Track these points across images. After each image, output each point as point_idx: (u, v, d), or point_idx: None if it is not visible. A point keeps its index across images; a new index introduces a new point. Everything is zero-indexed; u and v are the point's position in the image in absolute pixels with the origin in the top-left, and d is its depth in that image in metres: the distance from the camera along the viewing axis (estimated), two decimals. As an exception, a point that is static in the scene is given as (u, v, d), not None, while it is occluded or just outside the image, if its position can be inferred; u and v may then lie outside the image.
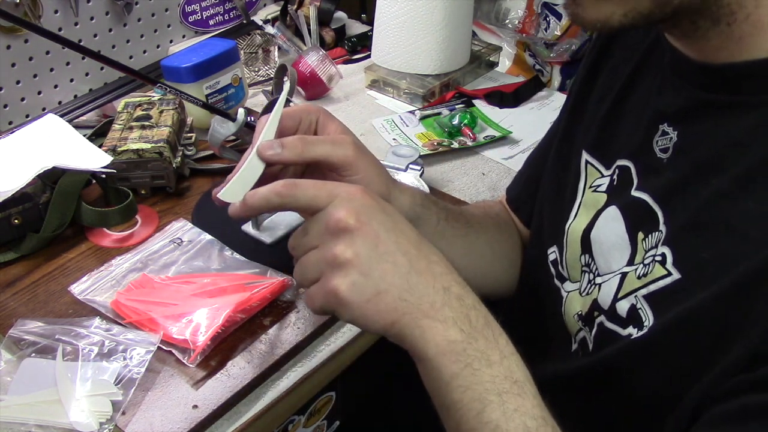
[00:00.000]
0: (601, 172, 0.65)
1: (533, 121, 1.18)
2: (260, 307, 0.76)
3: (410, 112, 1.19)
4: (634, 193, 0.59)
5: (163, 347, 0.71)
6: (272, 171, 0.60)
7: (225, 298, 0.75)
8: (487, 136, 1.12)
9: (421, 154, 1.02)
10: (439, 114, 1.17)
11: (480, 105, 1.22)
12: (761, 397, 0.45)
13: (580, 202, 0.66)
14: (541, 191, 0.75)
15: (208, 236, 0.86)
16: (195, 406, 0.67)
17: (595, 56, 0.70)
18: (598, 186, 0.65)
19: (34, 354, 0.69)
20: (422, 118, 1.16)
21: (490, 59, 1.35)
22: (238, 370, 0.71)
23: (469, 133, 1.11)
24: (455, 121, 1.12)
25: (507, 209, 0.84)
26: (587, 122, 0.68)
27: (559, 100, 1.25)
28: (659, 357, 0.54)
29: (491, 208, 0.84)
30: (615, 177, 0.63)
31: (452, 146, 1.08)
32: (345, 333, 0.76)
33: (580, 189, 0.67)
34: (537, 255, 0.72)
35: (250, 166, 0.58)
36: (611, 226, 0.61)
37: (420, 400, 0.93)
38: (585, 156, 0.67)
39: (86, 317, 0.74)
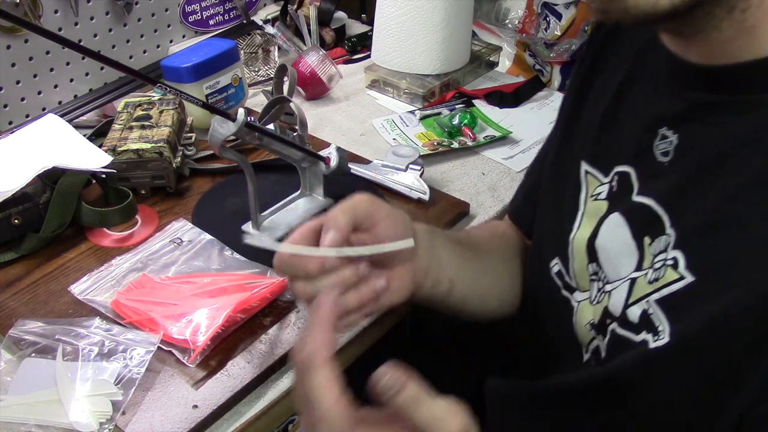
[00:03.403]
0: (600, 180, 0.64)
1: (533, 121, 1.18)
2: (260, 307, 0.76)
3: (410, 112, 1.19)
4: (636, 198, 0.59)
5: (163, 347, 0.71)
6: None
7: (225, 298, 0.75)
8: (487, 136, 1.12)
9: (421, 154, 1.02)
10: (439, 114, 1.17)
11: (480, 105, 1.22)
12: None
13: (583, 213, 0.66)
14: (540, 203, 0.75)
15: (208, 236, 0.86)
16: (195, 406, 0.67)
17: (588, 67, 0.69)
18: (599, 194, 0.64)
19: (34, 354, 0.69)
20: (422, 118, 1.16)
21: (490, 59, 1.35)
22: (238, 370, 0.71)
23: (469, 133, 1.11)
24: (455, 121, 1.12)
25: (512, 225, 0.83)
26: (583, 133, 0.68)
27: (558, 100, 1.24)
28: (680, 369, 0.52)
29: (496, 227, 0.83)
30: (614, 183, 0.62)
31: (452, 146, 1.08)
32: (345, 333, 0.76)
33: (581, 200, 0.66)
34: (539, 268, 0.71)
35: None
36: (616, 233, 0.60)
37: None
38: (584, 166, 0.66)
39: (86, 317, 0.74)
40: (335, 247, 0.58)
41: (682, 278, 0.52)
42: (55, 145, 0.92)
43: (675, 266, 0.53)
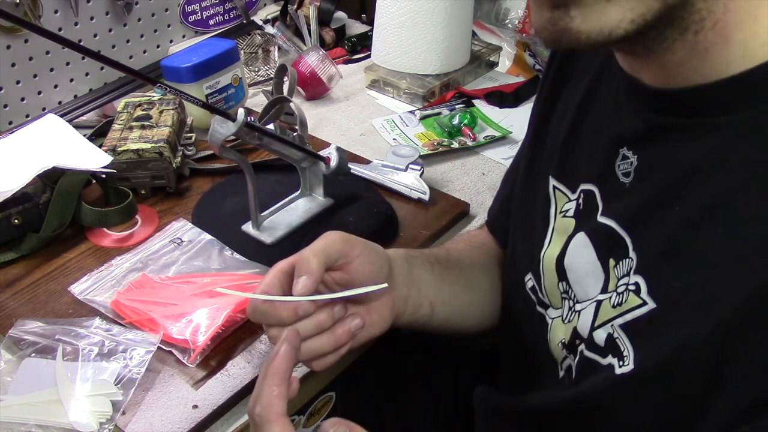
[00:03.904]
0: (568, 197, 0.64)
1: (533, 121, 1.18)
2: (260, 307, 0.76)
3: (410, 112, 1.19)
4: (600, 218, 0.58)
5: (163, 347, 0.71)
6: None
7: (225, 298, 0.74)
8: (487, 136, 1.12)
9: (421, 154, 1.02)
10: (439, 114, 1.17)
11: (480, 105, 1.22)
12: None
13: (553, 229, 0.65)
14: (513, 215, 0.74)
15: (208, 236, 0.86)
16: (195, 406, 0.67)
17: (552, 81, 0.68)
18: (567, 211, 0.63)
19: (34, 354, 0.69)
20: (422, 118, 1.16)
21: (490, 59, 1.35)
22: (238, 370, 0.71)
23: (469, 133, 1.11)
24: (455, 121, 1.12)
25: (491, 234, 0.82)
26: (550, 147, 0.67)
27: (559, 100, 1.24)
28: (646, 396, 0.52)
29: (476, 237, 0.82)
30: (580, 201, 0.62)
31: (452, 146, 1.08)
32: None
33: (551, 215, 0.65)
34: (514, 282, 0.71)
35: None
36: (582, 253, 0.60)
37: (416, 403, 0.93)
38: (552, 182, 0.66)
39: (86, 317, 0.74)
40: (308, 293, 0.58)
41: (644, 304, 0.52)
42: (55, 145, 0.92)
43: (637, 291, 0.53)
